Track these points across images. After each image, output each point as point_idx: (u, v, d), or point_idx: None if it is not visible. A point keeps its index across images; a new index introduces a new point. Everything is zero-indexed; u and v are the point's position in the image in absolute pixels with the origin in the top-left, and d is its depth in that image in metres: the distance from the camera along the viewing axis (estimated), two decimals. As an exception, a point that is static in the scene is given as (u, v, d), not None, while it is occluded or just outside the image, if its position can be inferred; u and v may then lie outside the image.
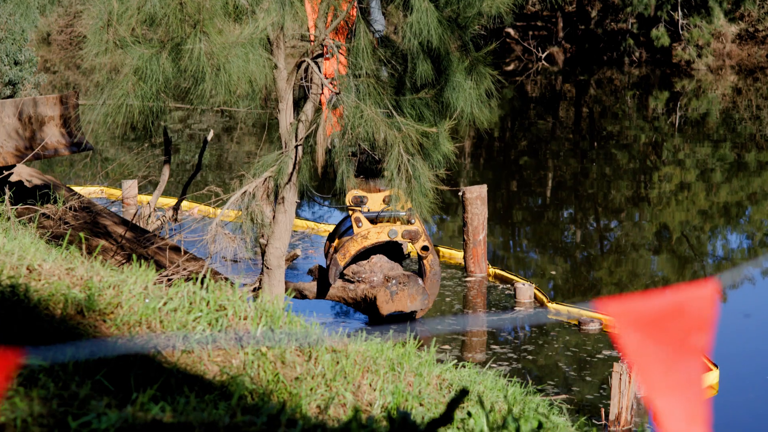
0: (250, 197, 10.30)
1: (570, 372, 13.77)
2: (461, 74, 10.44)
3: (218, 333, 5.71)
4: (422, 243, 15.44)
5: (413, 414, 5.85)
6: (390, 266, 15.54)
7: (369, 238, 15.28)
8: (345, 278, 15.49)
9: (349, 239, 15.30)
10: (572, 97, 45.12)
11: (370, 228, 15.30)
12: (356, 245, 15.23)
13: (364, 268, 15.45)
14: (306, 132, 10.25)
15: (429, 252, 15.45)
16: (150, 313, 5.62)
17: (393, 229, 15.30)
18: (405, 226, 15.38)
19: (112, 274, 6.02)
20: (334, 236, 16.06)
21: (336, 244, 15.68)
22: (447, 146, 11.20)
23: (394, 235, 15.32)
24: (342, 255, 15.22)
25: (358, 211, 15.41)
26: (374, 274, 15.39)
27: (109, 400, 4.15)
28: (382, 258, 15.60)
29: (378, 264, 15.51)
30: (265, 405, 4.79)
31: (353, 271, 15.46)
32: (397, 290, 15.17)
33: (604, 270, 19.48)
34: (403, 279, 15.27)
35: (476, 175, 29.81)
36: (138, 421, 3.70)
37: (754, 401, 13.06)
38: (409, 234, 15.35)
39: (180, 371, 5.29)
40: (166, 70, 9.06)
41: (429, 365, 6.70)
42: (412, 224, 15.43)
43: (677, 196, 25.90)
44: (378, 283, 15.30)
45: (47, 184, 16.45)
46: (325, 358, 5.96)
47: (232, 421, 3.71)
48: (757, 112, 38.99)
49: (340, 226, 16.22)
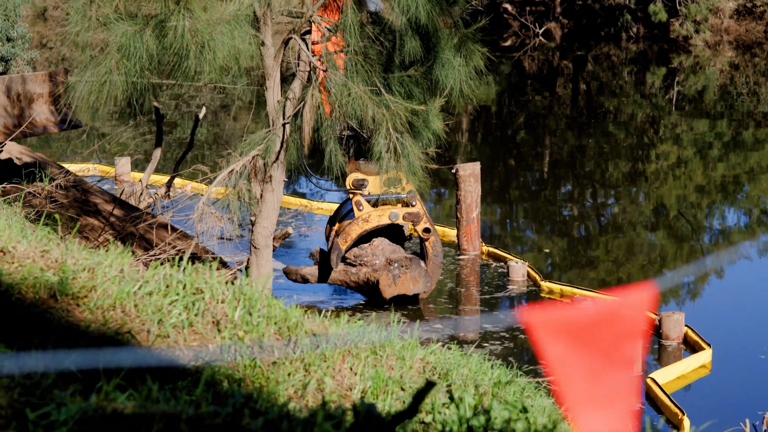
0: (237, 176, 10.18)
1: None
2: (450, 51, 10.31)
3: (195, 317, 5.61)
4: (424, 225, 15.35)
5: (393, 398, 5.75)
6: (392, 249, 15.46)
7: (370, 222, 15.21)
8: (347, 262, 15.42)
9: (350, 223, 15.21)
10: (569, 73, 44.94)
11: (371, 211, 15.22)
12: (357, 229, 15.16)
13: (365, 251, 15.37)
14: (294, 110, 10.13)
15: (431, 234, 15.37)
16: (125, 297, 5.51)
17: (394, 211, 15.22)
18: (406, 209, 15.29)
19: (87, 257, 5.91)
20: (335, 220, 15.97)
21: (337, 227, 15.59)
22: (437, 124, 11.08)
23: (395, 217, 15.24)
24: (343, 239, 15.14)
25: (359, 194, 15.31)
26: (376, 258, 15.32)
27: (75, 389, 4.05)
28: (384, 241, 15.52)
29: (380, 247, 15.43)
30: (235, 393, 4.69)
31: (355, 254, 15.39)
32: (400, 273, 15.09)
33: (601, 247, 19.39)
34: (405, 262, 15.18)
35: (473, 150, 29.70)
36: (99, 412, 3.60)
37: (747, 380, 12.98)
38: (410, 216, 15.27)
39: (154, 356, 5.19)
40: (150, 48, 8.94)
41: (412, 348, 6.59)
42: (414, 206, 15.35)
43: (674, 173, 25.80)
44: (380, 267, 15.22)
45: (37, 162, 16.31)
46: (305, 341, 5.85)
47: (196, 413, 3.61)
48: (755, 88, 38.84)
49: (341, 209, 16.13)
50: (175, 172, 18.11)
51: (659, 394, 12.01)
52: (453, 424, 5.46)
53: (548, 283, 16.08)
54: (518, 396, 6.67)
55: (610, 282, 17.11)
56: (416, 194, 15.46)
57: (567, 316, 2.34)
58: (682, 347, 13.77)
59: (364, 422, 3.14)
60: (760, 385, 12.81)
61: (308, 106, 9.55)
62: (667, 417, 11.71)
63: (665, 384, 12.47)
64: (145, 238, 14.73)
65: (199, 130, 30.39)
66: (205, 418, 3.54)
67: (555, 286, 15.97)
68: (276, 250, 16.44)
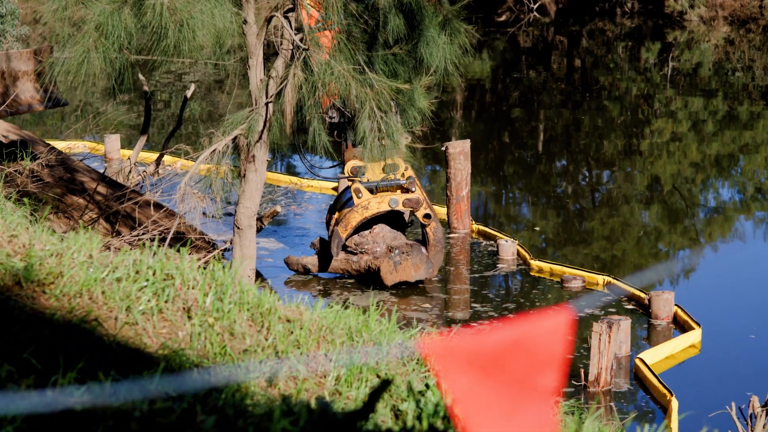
0: (219, 156, 10.06)
1: (551, 331, 13.57)
2: (435, 29, 10.17)
3: (165, 303, 5.50)
4: (424, 211, 15.25)
5: (367, 386, 5.65)
6: (392, 236, 15.39)
7: (369, 209, 15.14)
8: (347, 250, 15.36)
9: (350, 210, 15.13)
10: (564, 48, 44.75)
11: (371, 198, 15.14)
12: (357, 216, 15.08)
13: (366, 238, 15.29)
14: (277, 89, 9.99)
15: (431, 220, 15.28)
16: (92, 284, 5.39)
17: (393, 198, 15.15)
18: (406, 195, 15.21)
19: (55, 242, 5.79)
20: (335, 208, 15.90)
21: (337, 216, 15.51)
22: (423, 102, 10.95)
23: (394, 204, 15.16)
24: (343, 227, 15.07)
25: (358, 181, 15.23)
26: (377, 245, 15.24)
27: (28, 383, 3.93)
28: (384, 228, 15.44)
29: (380, 234, 15.36)
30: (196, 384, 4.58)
31: (355, 242, 15.32)
32: (401, 260, 15.01)
33: (596, 222, 19.28)
34: (406, 249, 15.09)
35: (467, 126, 29.58)
36: (50, 408, 3.49)
37: (737, 359, 12.90)
38: (410, 202, 15.18)
39: (120, 345, 5.07)
40: (128, 26, 8.79)
41: (390, 333, 6.48)
42: (413, 192, 15.26)
43: (669, 148, 25.68)
44: (381, 254, 15.14)
45: (24, 139, 16.18)
46: (278, 328, 5.74)
47: (150, 408, 3.50)
48: (750, 64, 38.67)
49: (341, 197, 16.05)
50: (164, 149, 17.98)
51: (648, 375, 11.92)
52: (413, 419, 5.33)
53: (538, 262, 15.98)
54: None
55: (605, 259, 17.02)
56: (415, 180, 15.37)
57: (473, 346, 2.19)
58: (672, 327, 13.68)
59: (319, 421, 3.04)
60: (750, 364, 12.72)
61: (289, 85, 9.41)
62: (655, 398, 11.62)
63: (654, 364, 12.38)
64: (131, 217, 14.61)
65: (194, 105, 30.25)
66: (157, 415, 3.43)
67: (545, 265, 15.87)
68: (265, 229, 16.33)
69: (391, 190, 15.36)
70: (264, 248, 16.66)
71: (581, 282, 15.12)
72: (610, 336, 11.51)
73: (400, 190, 15.37)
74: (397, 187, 15.38)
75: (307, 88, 9.73)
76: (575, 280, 15.12)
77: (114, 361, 4.94)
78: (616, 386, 11.85)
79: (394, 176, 15.32)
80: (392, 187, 15.36)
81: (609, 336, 11.50)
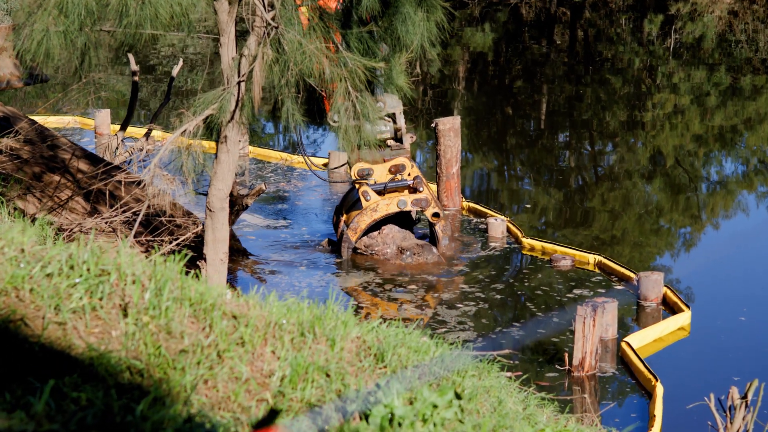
0: (190, 136, 9.79)
1: (538, 313, 13.31)
2: (411, 6, 9.86)
3: (99, 301, 5.23)
4: (433, 210, 15.12)
5: (314, 387, 5.39)
6: (402, 236, 15.33)
7: (378, 211, 15.11)
8: (358, 252, 15.26)
9: (359, 213, 15.05)
10: (567, 20, 44.31)
11: (379, 200, 15.05)
12: (366, 219, 15.01)
13: (376, 240, 15.25)
14: (249, 67, 9.71)
15: (440, 218, 15.14)
16: (20, 280, 5.12)
17: (402, 199, 15.06)
18: (414, 195, 15.08)
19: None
20: (342, 209, 15.73)
21: (345, 218, 15.35)
22: (401, 80, 10.67)
23: (403, 205, 15.11)
24: (353, 230, 15.01)
25: (365, 184, 15.07)
26: (387, 246, 15.18)
27: None
28: (394, 228, 15.39)
29: (390, 235, 15.30)
30: (123, 390, 4.33)
31: (365, 244, 15.30)
32: (412, 261, 14.89)
33: (598, 197, 19.00)
34: (417, 249, 15.06)
35: (470, 99, 29.30)
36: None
37: (726, 342, 12.64)
38: (418, 202, 15.09)
39: (45, 348, 4.82)
40: (89, 4, 8.51)
41: (346, 327, 6.21)
42: (421, 192, 15.09)
43: (672, 121, 25.38)
44: (392, 255, 15.11)
45: (7, 116, 15.91)
46: (221, 325, 5.48)
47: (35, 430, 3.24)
48: (754, 36, 38.25)
49: (347, 197, 15.90)
50: (152, 124, 17.71)
51: (633, 359, 11.66)
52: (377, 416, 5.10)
53: (530, 240, 15.71)
54: (458, 378, 6.30)
55: (604, 238, 16.74)
56: (422, 179, 15.21)
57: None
58: (661, 308, 13.40)
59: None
60: (739, 347, 12.46)
61: (257, 64, 9.13)
62: (641, 382, 11.36)
63: (641, 348, 12.13)
64: (114, 195, 14.36)
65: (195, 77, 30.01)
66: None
67: (536, 243, 15.60)
68: (251, 207, 16.07)
69: (398, 191, 15.21)
70: (249, 223, 16.49)
71: (570, 261, 14.85)
72: (595, 319, 11.25)
73: (407, 191, 15.21)
74: (404, 188, 15.21)
75: (279, 68, 9.46)
76: (564, 259, 14.86)
77: (37, 365, 4.69)
78: (601, 370, 11.60)
79: (401, 177, 15.16)
80: (400, 187, 15.19)
81: (594, 319, 11.24)
